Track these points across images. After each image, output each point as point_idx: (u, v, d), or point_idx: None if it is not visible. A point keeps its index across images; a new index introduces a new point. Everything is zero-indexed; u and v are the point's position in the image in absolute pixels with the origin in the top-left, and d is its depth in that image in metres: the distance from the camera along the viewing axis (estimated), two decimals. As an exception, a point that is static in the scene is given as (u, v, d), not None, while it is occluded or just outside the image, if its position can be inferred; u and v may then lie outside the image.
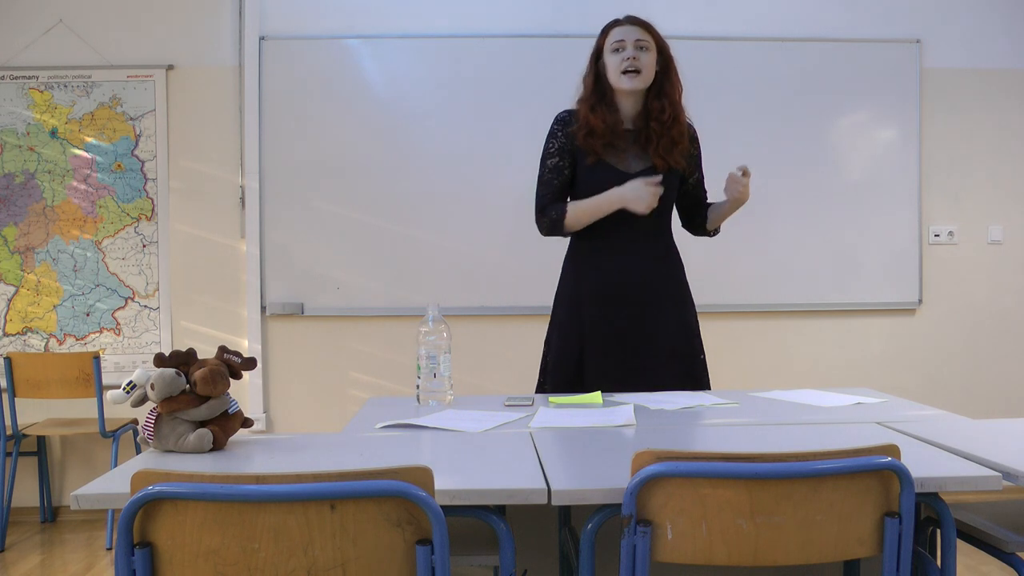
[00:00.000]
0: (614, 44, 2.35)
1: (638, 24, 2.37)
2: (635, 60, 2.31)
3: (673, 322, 2.44)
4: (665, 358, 2.39)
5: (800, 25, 4.01)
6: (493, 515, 1.34)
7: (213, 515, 1.17)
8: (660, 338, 2.40)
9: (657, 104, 2.37)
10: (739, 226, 4.02)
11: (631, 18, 2.39)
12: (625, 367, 2.35)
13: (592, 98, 2.37)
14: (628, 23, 2.38)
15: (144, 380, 1.52)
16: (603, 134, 2.34)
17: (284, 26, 3.93)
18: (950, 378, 4.10)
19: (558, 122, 2.44)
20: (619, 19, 2.40)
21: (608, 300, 2.39)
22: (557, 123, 2.44)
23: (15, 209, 3.92)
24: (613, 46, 2.35)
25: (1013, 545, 1.53)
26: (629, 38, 2.34)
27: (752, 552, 1.28)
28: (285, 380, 4.00)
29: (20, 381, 3.54)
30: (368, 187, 3.94)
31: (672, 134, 2.37)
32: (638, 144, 2.39)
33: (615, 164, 2.37)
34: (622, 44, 2.34)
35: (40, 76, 3.90)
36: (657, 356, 2.39)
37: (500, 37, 3.94)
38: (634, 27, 2.36)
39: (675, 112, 2.38)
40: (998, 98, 4.10)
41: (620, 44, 2.34)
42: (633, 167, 2.38)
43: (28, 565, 3.37)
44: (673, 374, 2.38)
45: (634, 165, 2.38)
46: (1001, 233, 4.13)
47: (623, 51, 2.33)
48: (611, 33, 2.38)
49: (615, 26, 2.38)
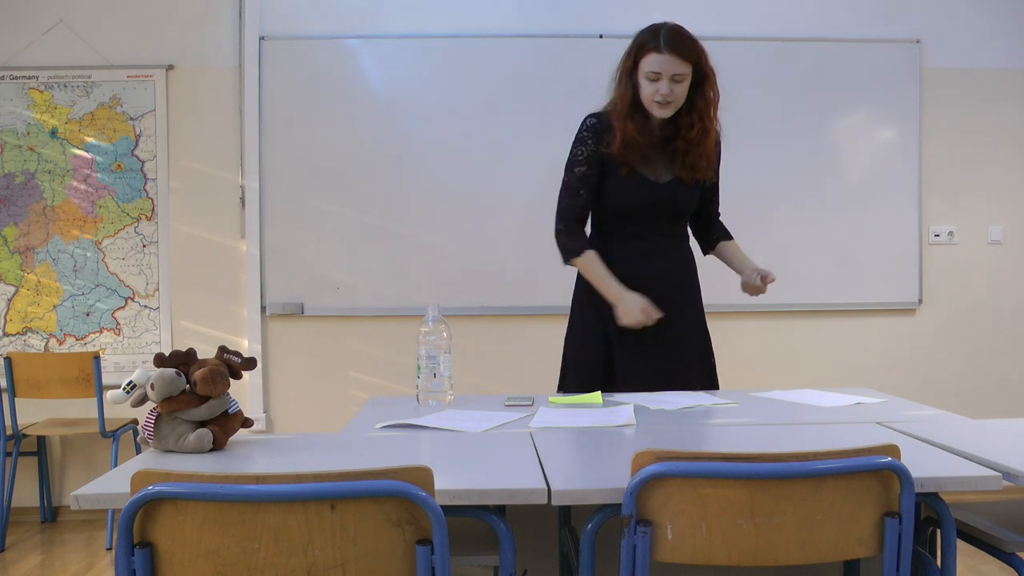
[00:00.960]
0: (649, 74, 2.24)
1: (676, 54, 2.22)
2: (669, 95, 2.24)
3: (694, 323, 2.47)
4: (691, 360, 2.42)
5: (800, 25, 4.01)
6: (493, 515, 1.34)
7: (213, 515, 1.17)
8: (684, 339, 2.42)
9: (687, 120, 2.31)
10: (739, 226, 4.03)
11: (671, 45, 2.23)
12: (654, 368, 2.35)
13: (628, 111, 2.29)
14: (668, 51, 2.22)
15: (144, 380, 1.52)
16: (639, 147, 2.30)
17: (284, 26, 3.93)
18: (950, 378, 4.10)
19: (588, 129, 2.36)
20: (658, 42, 2.23)
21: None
22: (587, 130, 2.36)
23: (15, 209, 3.92)
24: (648, 75, 2.24)
25: (1013, 545, 1.53)
26: (666, 71, 2.23)
27: (752, 552, 1.28)
28: (285, 380, 4.00)
29: (20, 381, 3.54)
30: (368, 187, 3.94)
31: (700, 150, 2.33)
32: (666, 154, 2.37)
33: (646, 174, 2.35)
34: (658, 76, 2.23)
35: (40, 76, 3.90)
36: (684, 358, 2.41)
37: (500, 37, 3.94)
38: (672, 58, 2.22)
39: (704, 127, 2.32)
40: (998, 98, 4.10)
41: (656, 76, 2.24)
42: (662, 177, 2.36)
43: (28, 565, 3.37)
44: (697, 375, 2.41)
45: (663, 175, 2.37)
46: (1001, 233, 4.13)
47: (658, 82, 2.24)
48: (648, 59, 2.24)
49: (653, 51, 2.23)
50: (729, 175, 3.88)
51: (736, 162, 3.97)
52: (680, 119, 2.32)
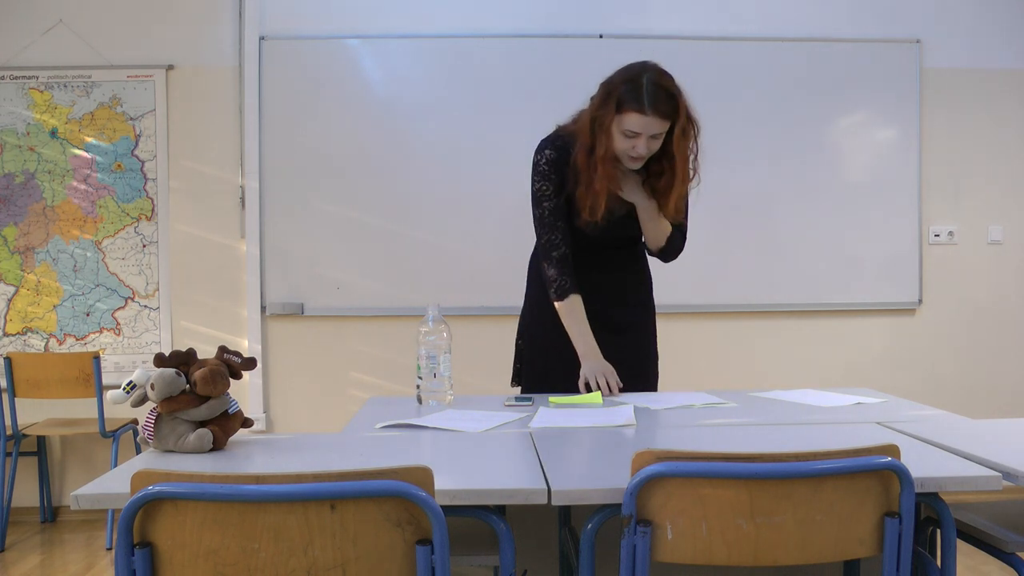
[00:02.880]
0: (627, 131, 2.12)
1: (659, 114, 2.10)
2: (645, 153, 2.16)
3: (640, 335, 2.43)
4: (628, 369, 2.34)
5: (800, 25, 4.01)
6: (493, 515, 1.34)
7: (213, 515, 1.17)
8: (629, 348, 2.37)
9: (656, 167, 2.22)
10: (739, 226, 4.05)
11: (654, 105, 2.09)
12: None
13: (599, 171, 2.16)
14: (651, 112, 2.09)
15: (144, 380, 1.52)
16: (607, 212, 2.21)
17: (284, 26, 3.93)
18: (950, 378, 4.10)
19: (549, 164, 2.25)
20: (642, 102, 2.09)
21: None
22: (547, 164, 2.25)
23: (15, 209, 3.92)
24: (626, 132, 2.12)
25: (1013, 545, 1.53)
26: (646, 131, 2.11)
27: (752, 552, 1.28)
28: (285, 380, 4.00)
29: (20, 381, 3.54)
30: (368, 187, 3.94)
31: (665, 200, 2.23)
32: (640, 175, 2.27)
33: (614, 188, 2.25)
34: (636, 135, 2.12)
35: (40, 76, 3.90)
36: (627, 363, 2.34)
37: (500, 37, 3.94)
38: (654, 119, 2.10)
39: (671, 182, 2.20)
40: (998, 98, 4.10)
41: (634, 135, 2.12)
42: (617, 212, 2.27)
43: (28, 565, 3.37)
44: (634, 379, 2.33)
45: (618, 210, 2.27)
46: (1001, 233, 4.13)
47: (635, 139, 2.12)
48: (628, 117, 2.10)
49: (635, 112, 2.09)
50: (729, 175, 3.92)
51: (736, 162, 4.01)
52: (650, 165, 2.23)
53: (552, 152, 2.27)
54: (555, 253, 2.29)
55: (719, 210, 3.89)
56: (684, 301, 3.91)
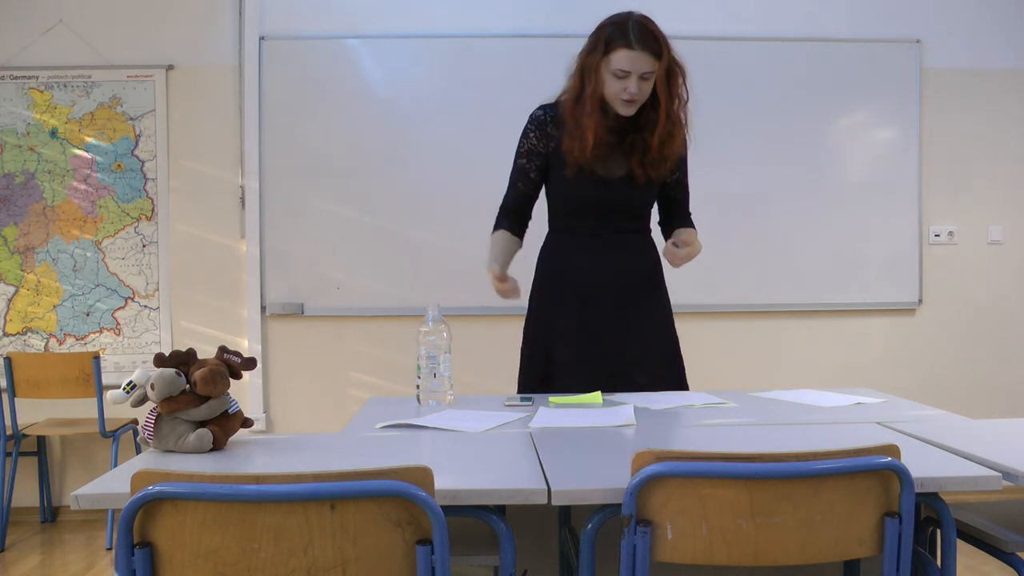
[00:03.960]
0: (617, 71, 2.15)
1: (647, 50, 2.13)
2: (637, 93, 2.16)
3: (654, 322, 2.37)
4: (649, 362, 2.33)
5: (800, 25, 4.01)
6: (493, 515, 1.34)
7: (213, 515, 1.17)
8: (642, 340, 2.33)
9: (651, 116, 2.21)
10: (739, 226, 4.05)
11: (642, 41, 2.13)
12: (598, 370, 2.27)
13: (597, 110, 2.19)
14: (639, 48, 2.12)
15: (144, 380, 1.52)
16: (596, 146, 2.21)
17: (284, 26, 3.93)
18: (950, 378, 4.10)
19: (533, 122, 2.34)
20: (629, 38, 2.13)
21: (582, 300, 2.32)
22: (532, 123, 2.34)
23: (15, 209, 3.92)
24: (616, 72, 2.15)
25: (1013, 545, 1.53)
26: (636, 69, 2.13)
27: (752, 552, 1.28)
28: (285, 380, 4.00)
29: (20, 381, 3.54)
30: (368, 187, 3.94)
31: (664, 151, 2.23)
32: (622, 149, 2.26)
33: (597, 170, 2.26)
34: (626, 74, 2.14)
35: (40, 76, 3.90)
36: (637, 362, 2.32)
37: (500, 37, 3.94)
38: (643, 55, 2.12)
39: (670, 129, 2.21)
40: (998, 98, 4.10)
41: (624, 73, 2.14)
42: (615, 172, 2.27)
43: (28, 565, 3.37)
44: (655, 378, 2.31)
45: (616, 170, 2.27)
46: (1001, 233, 4.13)
47: (626, 79, 2.15)
48: (616, 55, 2.14)
49: (623, 48, 2.13)
50: (729, 175, 3.92)
51: (736, 162, 4.01)
52: (643, 115, 2.22)
53: (540, 112, 2.35)
54: (506, 203, 2.41)
55: (719, 210, 3.89)
56: (684, 301, 3.86)
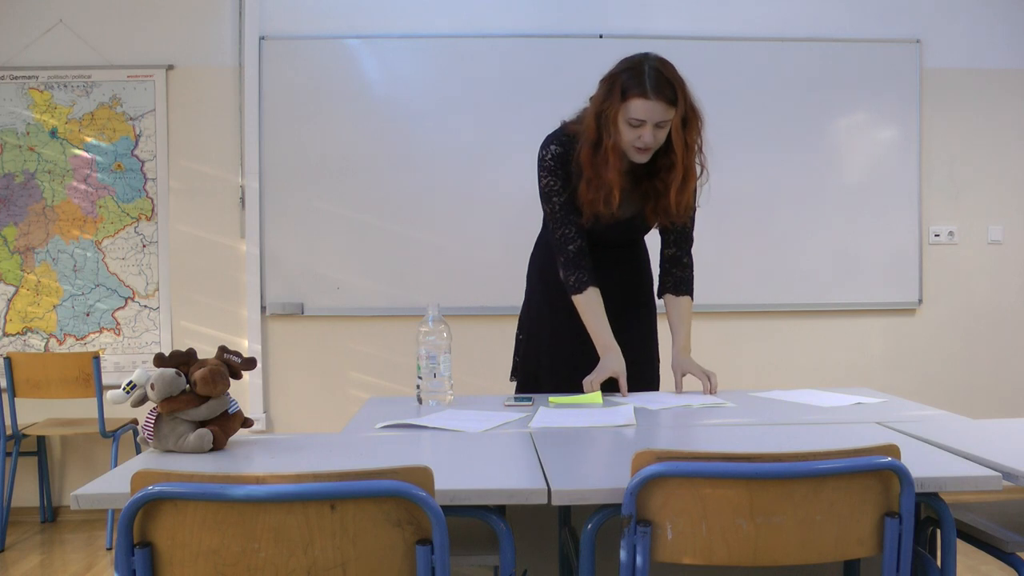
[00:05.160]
0: (632, 120, 2.09)
1: (663, 99, 2.07)
2: (651, 143, 2.11)
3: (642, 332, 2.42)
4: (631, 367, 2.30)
5: (800, 25, 4.01)
6: (493, 515, 1.34)
7: (213, 515, 1.17)
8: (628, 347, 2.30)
9: (665, 161, 2.17)
10: (739, 226, 4.05)
11: (658, 90, 2.07)
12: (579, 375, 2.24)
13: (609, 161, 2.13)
14: (654, 97, 2.07)
15: (144, 380, 1.52)
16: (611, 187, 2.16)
17: (284, 26, 3.93)
18: (950, 378, 4.10)
19: (555, 159, 2.23)
20: (644, 87, 2.07)
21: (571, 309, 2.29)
22: (553, 159, 2.23)
23: (15, 209, 3.92)
24: (630, 121, 2.10)
25: (1013, 545, 1.53)
26: (651, 118, 2.08)
27: (752, 552, 1.28)
28: (285, 380, 4.00)
29: (20, 381, 3.54)
30: (368, 187, 3.94)
31: (679, 198, 2.19)
32: (637, 191, 2.24)
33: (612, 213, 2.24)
34: (641, 123, 2.09)
35: (40, 76, 3.90)
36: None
37: (500, 37, 3.94)
38: (658, 104, 2.07)
39: (684, 176, 2.16)
40: (998, 98, 4.10)
41: (639, 123, 2.09)
42: (626, 212, 2.24)
43: (28, 565, 3.37)
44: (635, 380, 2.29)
45: (627, 210, 2.24)
46: (1001, 233, 4.13)
47: (641, 128, 2.10)
48: (632, 104, 2.08)
49: (639, 97, 2.07)
50: (728, 175, 3.90)
51: (736, 162, 4.00)
52: (658, 160, 2.18)
53: (557, 147, 2.25)
54: (571, 247, 2.26)
55: (718, 210, 3.85)
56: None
